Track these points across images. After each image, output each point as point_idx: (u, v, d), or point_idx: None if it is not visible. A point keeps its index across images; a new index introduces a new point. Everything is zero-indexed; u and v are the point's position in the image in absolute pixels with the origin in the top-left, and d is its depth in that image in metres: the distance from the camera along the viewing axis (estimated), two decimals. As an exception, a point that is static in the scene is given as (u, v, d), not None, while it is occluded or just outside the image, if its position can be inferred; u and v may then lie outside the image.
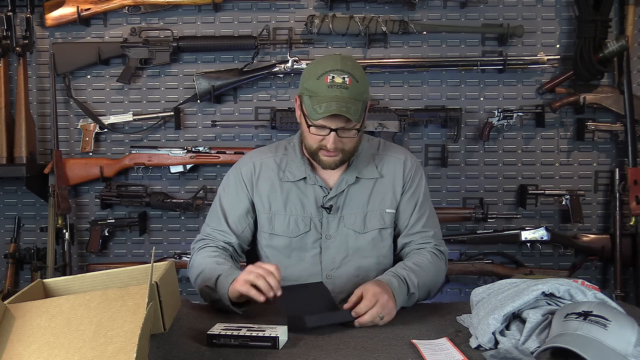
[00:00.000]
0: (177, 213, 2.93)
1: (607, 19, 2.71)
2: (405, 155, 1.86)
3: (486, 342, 1.31)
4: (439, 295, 2.91)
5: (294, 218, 1.78)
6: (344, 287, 1.77)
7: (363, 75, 1.69)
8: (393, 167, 1.82)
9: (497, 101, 2.88)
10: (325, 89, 1.62)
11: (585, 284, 1.38)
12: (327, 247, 1.78)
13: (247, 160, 1.86)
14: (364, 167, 1.80)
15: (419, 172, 1.85)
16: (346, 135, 1.68)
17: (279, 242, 1.80)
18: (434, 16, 2.86)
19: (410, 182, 1.82)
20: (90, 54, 2.84)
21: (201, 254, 1.75)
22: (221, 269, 1.64)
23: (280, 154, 1.84)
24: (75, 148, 2.93)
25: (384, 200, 1.80)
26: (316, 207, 1.78)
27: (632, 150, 2.72)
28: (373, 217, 1.79)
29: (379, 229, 1.80)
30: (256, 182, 1.81)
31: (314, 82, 1.64)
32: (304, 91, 1.68)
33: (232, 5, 2.88)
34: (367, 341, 1.39)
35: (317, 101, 1.63)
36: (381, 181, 1.81)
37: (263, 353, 1.32)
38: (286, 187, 1.80)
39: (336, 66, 1.64)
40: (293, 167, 1.80)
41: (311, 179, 1.78)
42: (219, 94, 2.86)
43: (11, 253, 2.89)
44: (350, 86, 1.62)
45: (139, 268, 1.42)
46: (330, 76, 1.62)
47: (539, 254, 2.91)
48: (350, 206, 1.78)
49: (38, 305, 1.21)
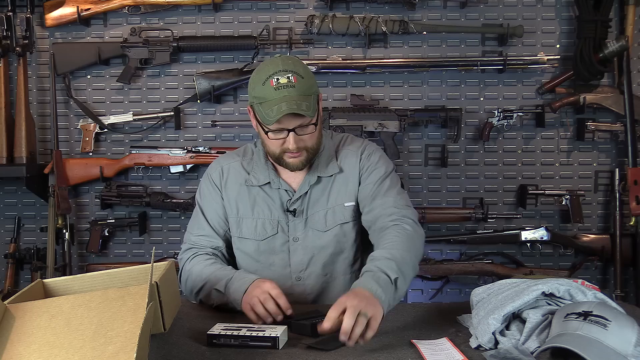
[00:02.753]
0: (177, 213, 2.93)
1: (607, 19, 2.71)
2: (362, 146, 1.84)
3: (486, 342, 1.31)
4: (439, 295, 2.92)
5: (262, 221, 1.79)
6: (313, 287, 1.79)
7: (307, 70, 1.69)
8: (350, 160, 1.81)
9: (497, 101, 2.88)
10: (272, 92, 1.62)
11: (585, 284, 1.38)
12: (295, 250, 1.79)
13: (215, 166, 1.87)
14: (325, 165, 1.80)
15: (374, 156, 1.82)
16: (305, 132, 1.68)
17: (247, 245, 1.81)
18: (434, 16, 2.86)
19: (367, 168, 1.80)
20: (90, 54, 2.84)
21: (196, 264, 1.74)
22: (225, 273, 1.65)
23: (248, 157, 1.85)
24: (75, 148, 2.93)
25: (343, 194, 1.79)
26: (282, 210, 1.79)
27: (632, 150, 2.72)
28: (334, 214, 1.79)
29: (340, 224, 1.79)
30: (224, 185, 1.83)
31: (261, 88, 1.64)
32: (253, 100, 1.68)
33: (232, 5, 2.88)
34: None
35: (268, 106, 1.63)
36: (340, 176, 1.80)
37: (263, 353, 1.32)
38: (253, 191, 1.81)
39: (278, 67, 1.64)
40: (257, 172, 1.81)
41: (275, 184, 1.79)
42: (219, 94, 2.86)
43: (11, 253, 2.89)
44: (296, 84, 1.63)
45: (139, 268, 1.42)
46: (274, 79, 1.63)
47: (539, 254, 2.91)
48: (314, 207, 1.79)
49: (38, 305, 1.21)
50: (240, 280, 1.60)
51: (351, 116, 2.76)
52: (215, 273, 1.68)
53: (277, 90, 1.62)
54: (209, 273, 1.68)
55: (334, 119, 2.74)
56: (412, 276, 1.59)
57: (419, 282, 2.92)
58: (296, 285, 1.79)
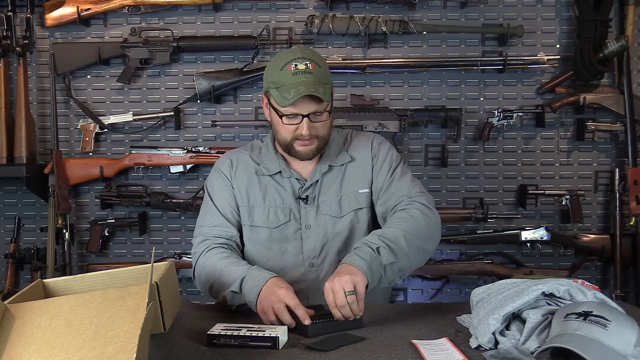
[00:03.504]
0: (177, 213, 2.93)
1: (607, 19, 2.71)
2: (371, 138, 1.91)
3: (486, 342, 1.31)
4: (439, 295, 2.92)
5: (274, 209, 1.81)
6: (328, 273, 1.75)
7: (324, 61, 1.75)
8: (362, 150, 1.87)
9: (497, 101, 2.88)
10: (290, 77, 1.67)
11: (585, 284, 1.38)
12: (307, 237, 1.80)
13: (224, 159, 1.90)
14: (335, 156, 1.84)
15: (384, 146, 1.89)
16: (318, 119, 1.72)
17: (259, 234, 1.81)
18: (434, 16, 2.86)
19: (378, 157, 1.86)
20: (90, 54, 2.84)
21: (210, 257, 1.72)
22: (239, 272, 1.62)
23: (256, 151, 1.89)
24: (75, 148, 2.93)
25: (357, 181, 1.83)
26: (294, 198, 1.81)
27: (632, 150, 2.72)
28: (348, 200, 1.82)
29: (355, 210, 1.82)
30: (234, 176, 1.85)
31: (278, 73, 1.68)
32: (269, 85, 1.72)
33: (232, 5, 2.88)
34: (367, 341, 1.39)
35: (285, 89, 1.67)
36: (352, 164, 1.84)
37: (263, 353, 1.32)
38: (264, 180, 1.83)
39: (297, 55, 1.69)
40: (268, 163, 1.84)
41: (286, 173, 1.82)
42: (219, 94, 2.86)
43: (11, 253, 2.89)
44: (314, 71, 1.68)
45: (139, 268, 1.42)
46: (293, 65, 1.67)
47: (539, 254, 2.91)
48: (325, 194, 1.81)
49: (38, 305, 1.21)
50: (253, 278, 1.58)
51: (351, 116, 2.76)
52: (229, 269, 1.64)
53: (295, 75, 1.66)
54: (222, 268, 1.66)
55: (334, 118, 2.74)
56: (411, 252, 1.62)
57: (419, 282, 2.93)
58: (309, 272, 1.80)
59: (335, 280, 1.47)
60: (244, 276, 1.60)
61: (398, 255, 1.58)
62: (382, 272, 1.55)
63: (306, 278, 1.79)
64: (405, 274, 1.66)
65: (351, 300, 1.45)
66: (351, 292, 1.46)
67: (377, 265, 1.54)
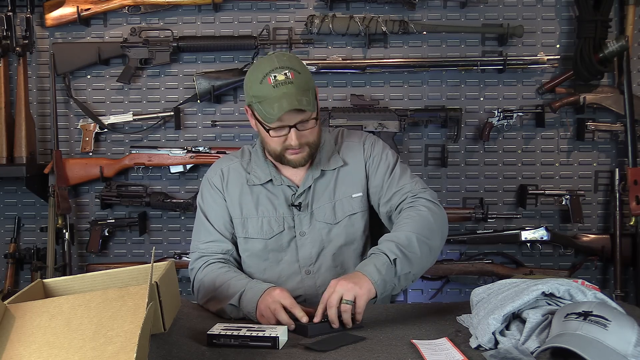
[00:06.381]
0: (177, 213, 2.93)
1: (607, 19, 2.71)
2: (363, 139, 1.86)
3: (486, 342, 1.31)
4: (439, 295, 2.92)
5: (267, 219, 1.78)
6: (325, 280, 1.75)
7: (302, 65, 1.69)
8: (354, 153, 1.83)
9: (497, 101, 2.88)
10: (271, 90, 1.61)
11: (585, 284, 1.38)
12: (302, 245, 1.79)
13: (215, 169, 1.86)
14: (328, 160, 1.80)
15: (377, 145, 1.85)
16: (306, 127, 1.68)
17: (254, 245, 1.79)
18: (434, 16, 2.86)
19: (372, 158, 1.82)
20: (90, 54, 2.84)
21: (208, 273, 1.71)
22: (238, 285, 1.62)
23: (246, 158, 1.85)
24: (75, 148, 2.93)
25: (350, 186, 1.81)
26: (287, 206, 1.78)
27: (632, 150, 2.72)
28: (342, 206, 1.80)
29: (349, 216, 1.80)
30: (226, 187, 1.82)
31: (258, 87, 1.63)
32: (251, 99, 1.67)
33: (232, 5, 2.88)
34: (367, 341, 1.39)
35: (268, 104, 1.62)
36: (345, 168, 1.81)
37: (263, 353, 1.32)
38: (255, 190, 1.80)
39: (274, 65, 1.63)
40: (257, 171, 1.80)
41: (277, 180, 1.78)
42: (219, 94, 2.86)
43: (11, 253, 2.89)
44: (294, 79, 1.62)
45: (139, 268, 1.42)
46: (272, 76, 1.61)
47: (539, 254, 2.91)
48: (319, 200, 1.79)
49: (38, 305, 1.21)
50: (252, 290, 1.58)
51: (351, 116, 2.76)
52: (228, 284, 1.64)
53: (276, 87, 1.61)
54: (221, 283, 1.65)
55: (334, 119, 2.74)
56: (424, 255, 1.61)
57: (419, 282, 2.93)
58: (306, 279, 1.79)
59: (340, 282, 1.47)
60: (243, 290, 1.59)
61: (413, 262, 1.57)
62: (396, 282, 1.56)
63: (303, 285, 1.78)
64: (416, 278, 1.65)
65: (344, 309, 1.45)
66: (348, 301, 1.45)
67: (392, 276, 1.54)
